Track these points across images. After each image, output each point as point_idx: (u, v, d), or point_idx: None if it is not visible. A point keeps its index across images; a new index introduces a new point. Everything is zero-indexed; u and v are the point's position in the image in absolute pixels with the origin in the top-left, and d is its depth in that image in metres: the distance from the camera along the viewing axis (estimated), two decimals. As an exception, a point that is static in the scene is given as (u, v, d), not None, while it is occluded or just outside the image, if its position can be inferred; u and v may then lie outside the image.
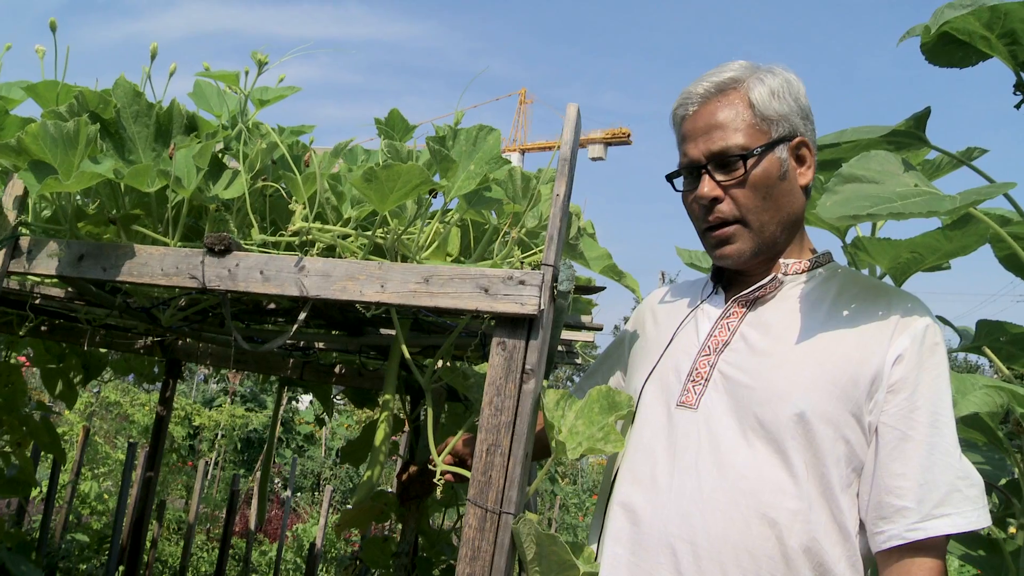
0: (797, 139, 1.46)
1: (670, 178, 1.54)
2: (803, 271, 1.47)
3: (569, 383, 37.17)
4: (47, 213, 1.89)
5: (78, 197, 1.81)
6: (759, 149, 1.42)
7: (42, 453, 4.84)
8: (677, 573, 1.33)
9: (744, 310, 1.47)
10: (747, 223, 1.44)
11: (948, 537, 1.28)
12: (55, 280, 2.17)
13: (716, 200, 1.45)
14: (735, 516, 1.31)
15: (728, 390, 1.39)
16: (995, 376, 1.92)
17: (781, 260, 1.47)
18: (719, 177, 1.44)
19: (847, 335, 1.36)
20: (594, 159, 66.78)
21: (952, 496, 1.25)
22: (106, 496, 6.79)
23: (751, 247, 1.45)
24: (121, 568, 4.54)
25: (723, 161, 1.43)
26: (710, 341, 1.46)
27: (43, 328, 3.01)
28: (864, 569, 1.33)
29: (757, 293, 1.46)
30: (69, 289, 2.27)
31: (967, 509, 1.25)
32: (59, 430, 6.32)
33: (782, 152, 1.44)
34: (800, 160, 1.47)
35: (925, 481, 1.26)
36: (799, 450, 1.31)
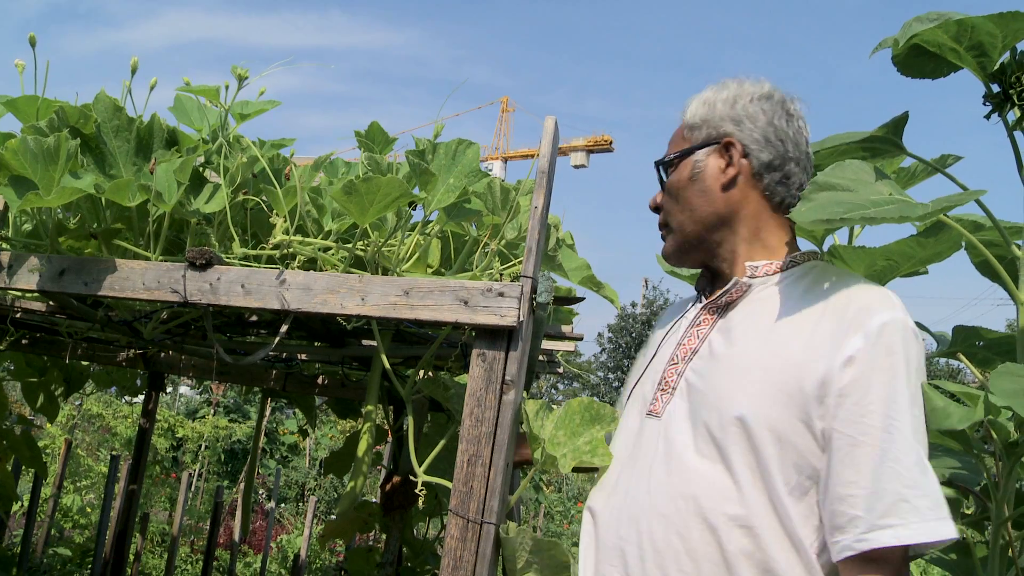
0: (724, 140, 1.49)
1: None
2: (776, 271, 1.45)
3: (554, 391, 37.18)
4: (28, 227, 1.89)
5: (59, 212, 1.81)
6: (674, 156, 1.52)
7: (23, 467, 4.81)
8: (626, 575, 1.35)
9: (715, 317, 1.47)
10: (669, 225, 1.54)
11: (906, 549, 1.22)
12: (36, 294, 2.17)
13: (658, 209, 1.58)
14: (676, 520, 1.31)
15: (688, 397, 1.40)
16: (973, 383, 1.94)
17: (747, 263, 1.47)
18: (660, 186, 1.58)
19: (799, 337, 1.33)
20: (576, 167, 66.85)
21: (899, 506, 1.19)
22: (89, 509, 6.74)
23: (673, 245, 1.54)
24: (104, 582, 4.51)
25: (658, 172, 1.57)
26: (679, 350, 1.48)
27: (24, 341, 3.00)
28: None
29: (724, 299, 1.45)
30: (50, 303, 2.27)
31: (913, 520, 1.19)
32: (41, 443, 6.27)
33: (702, 156, 1.49)
34: (730, 161, 1.50)
35: (875, 490, 1.21)
36: (741, 455, 1.29)
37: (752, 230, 1.49)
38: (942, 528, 1.19)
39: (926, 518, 1.19)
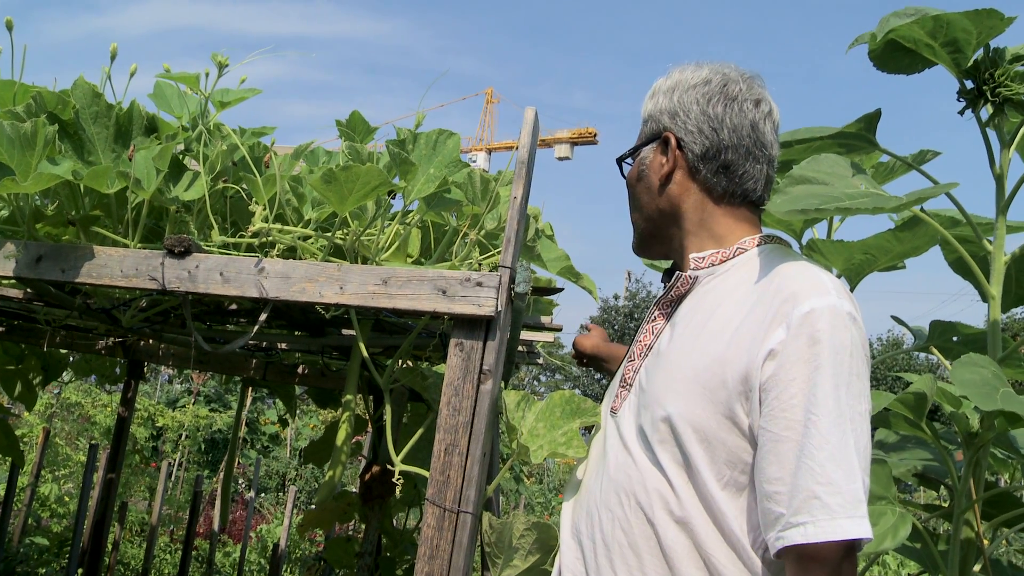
0: (663, 135, 1.46)
1: None
2: (722, 261, 1.41)
3: (536, 382, 37.24)
4: (4, 213, 1.88)
5: (36, 198, 1.80)
6: (627, 152, 1.54)
7: (0, 455, 4.78)
8: (584, 566, 1.37)
9: (667, 312, 1.46)
10: (631, 221, 1.55)
11: (843, 546, 1.16)
12: (13, 281, 2.16)
13: None
14: (620, 515, 1.32)
15: (638, 394, 1.40)
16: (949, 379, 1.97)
17: (692, 255, 1.43)
18: None
19: (726, 331, 1.29)
20: (560, 159, 66.80)
21: (810, 503, 1.15)
22: (67, 499, 6.71)
23: (635, 241, 1.56)
24: (81, 571, 4.49)
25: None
26: (635, 347, 1.47)
27: (1, 329, 2.98)
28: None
29: (672, 293, 1.44)
30: (28, 290, 2.26)
31: (822, 518, 1.14)
32: (18, 432, 6.23)
33: (648, 152, 1.49)
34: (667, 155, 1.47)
35: (794, 486, 1.17)
36: (670, 453, 1.29)
37: (696, 223, 1.45)
38: (852, 527, 1.14)
39: (835, 516, 1.15)
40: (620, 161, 1.56)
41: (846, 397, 1.20)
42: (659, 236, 1.50)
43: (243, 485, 9.67)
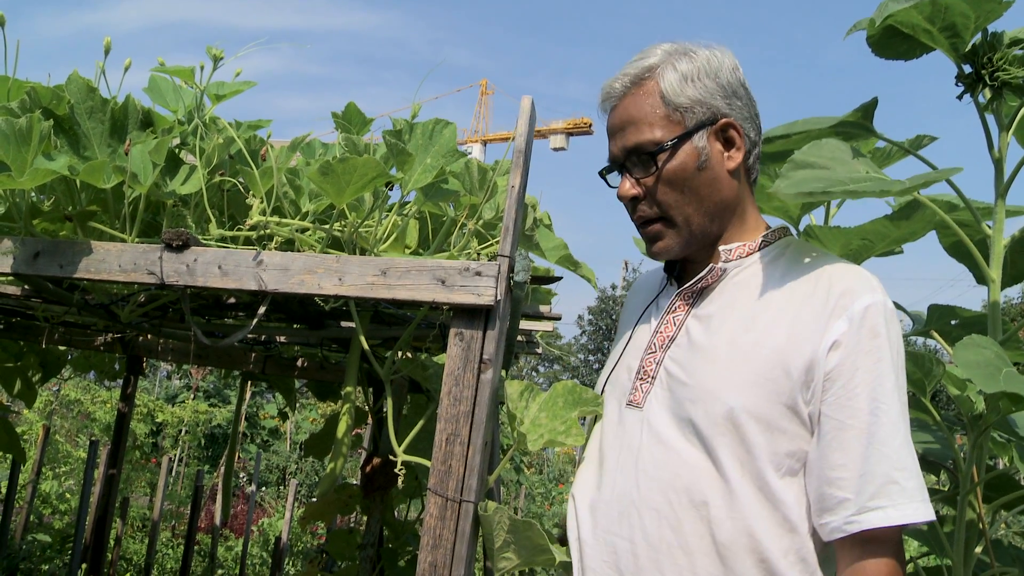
0: (721, 121, 1.39)
1: (603, 174, 1.51)
2: (748, 254, 1.42)
3: (534, 373, 37.29)
4: (1, 210, 1.87)
5: (33, 194, 1.80)
6: (671, 142, 1.38)
7: (1, 453, 4.77)
8: (617, 570, 1.34)
9: (690, 303, 1.44)
10: (670, 219, 1.41)
11: (900, 530, 1.23)
12: (10, 278, 2.15)
13: (636, 199, 1.43)
14: (668, 514, 1.30)
15: (670, 387, 1.38)
16: (950, 363, 1.97)
17: (720, 247, 1.42)
18: (637, 174, 1.41)
19: (781, 323, 1.31)
20: (556, 149, 66.72)
21: (888, 488, 1.21)
22: (68, 495, 6.72)
23: (678, 242, 1.42)
24: (84, 567, 4.50)
25: (638, 158, 1.40)
26: (656, 338, 1.45)
27: (-1, 326, 2.97)
28: (826, 560, 1.29)
29: (699, 284, 1.42)
30: (25, 286, 2.25)
31: (902, 502, 1.20)
32: (18, 429, 6.23)
33: (701, 140, 1.38)
34: (728, 143, 1.41)
35: (864, 472, 1.21)
36: (729, 447, 1.28)
37: (739, 214, 1.44)
38: (926, 509, 1.21)
39: (914, 499, 1.21)
40: (659, 151, 1.39)
41: (901, 389, 1.27)
42: (708, 231, 1.42)
43: (244, 479, 9.69)
